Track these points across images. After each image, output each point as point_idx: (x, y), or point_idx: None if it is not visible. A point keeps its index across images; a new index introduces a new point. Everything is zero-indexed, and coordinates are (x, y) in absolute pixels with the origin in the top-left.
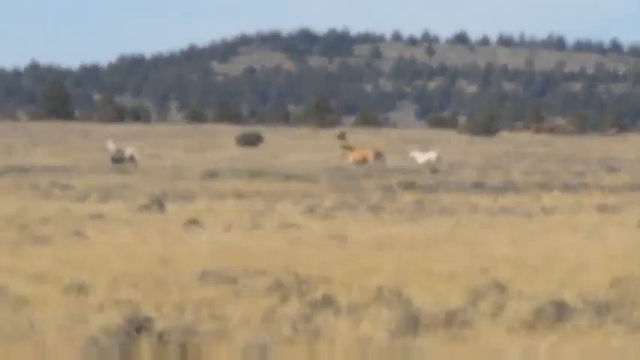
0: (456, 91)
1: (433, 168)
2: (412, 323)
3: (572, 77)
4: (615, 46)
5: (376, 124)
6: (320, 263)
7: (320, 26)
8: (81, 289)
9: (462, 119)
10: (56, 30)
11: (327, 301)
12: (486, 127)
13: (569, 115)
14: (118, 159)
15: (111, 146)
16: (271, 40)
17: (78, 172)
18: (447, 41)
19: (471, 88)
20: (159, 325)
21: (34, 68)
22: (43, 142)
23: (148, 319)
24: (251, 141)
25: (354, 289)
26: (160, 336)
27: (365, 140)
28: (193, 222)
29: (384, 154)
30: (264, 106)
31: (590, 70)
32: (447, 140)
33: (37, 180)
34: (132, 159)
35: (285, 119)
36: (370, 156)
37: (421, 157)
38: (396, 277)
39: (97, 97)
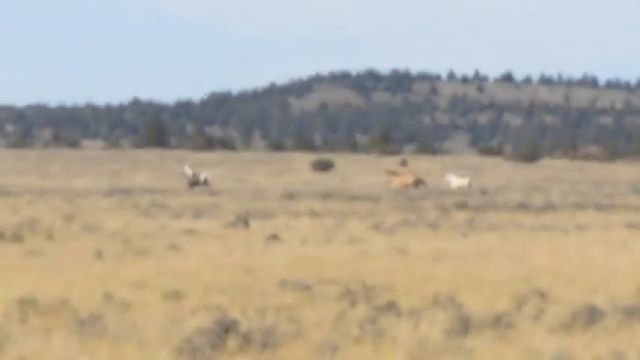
0: (503, 124)
1: (467, 191)
2: (464, 325)
3: (603, 112)
4: None
5: (433, 152)
6: (384, 273)
7: (384, 66)
8: (177, 296)
9: (507, 148)
10: (155, 70)
11: (391, 306)
12: (529, 155)
13: (601, 144)
14: (194, 182)
15: (188, 171)
16: (341, 79)
17: (173, 193)
18: (495, 80)
19: (516, 121)
20: (244, 326)
21: (136, 103)
22: (143, 168)
23: (235, 322)
24: (323, 166)
25: (413, 295)
26: (245, 336)
27: (423, 166)
28: (273, 237)
29: (423, 181)
30: (335, 136)
31: (619, 106)
32: (494, 166)
33: (138, 200)
34: (205, 182)
35: (354, 147)
36: (411, 182)
37: (455, 182)
38: (450, 285)
39: (189, 128)
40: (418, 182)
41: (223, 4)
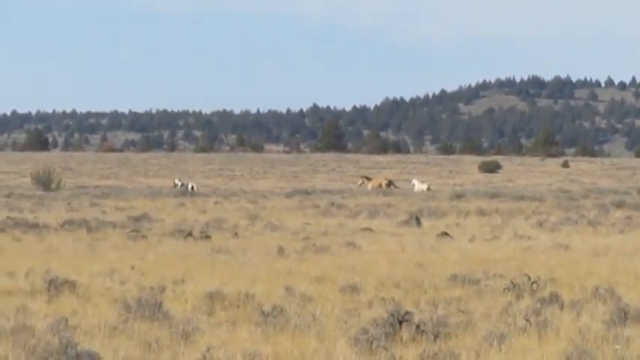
0: None
1: (427, 194)
2: (622, 316)
3: None
4: None
5: (593, 154)
6: (547, 267)
7: (547, 74)
8: (354, 289)
9: None
10: (333, 78)
11: (554, 298)
12: None
13: None
14: (183, 191)
15: (178, 182)
16: (507, 85)
17: (350, 194)
18: None
19: None
20: (417, 318)
21: (315, 110)
22: (322, 170)
23: (408, 313)
24: (491, 168)
25: (575, 288)
26: (418, 326)
27: (584, 167)
28: (444, 234)
29: (393, 182)
30: (501, 140)
31: None
32: None
33: (317, 200)
34: (193, 189)
35: (519, 150)
36: (383, 184)
37: (417, 186)
38: (609, 279)
39: (365, 132)
40: (390, 184)
41: (396, 15)
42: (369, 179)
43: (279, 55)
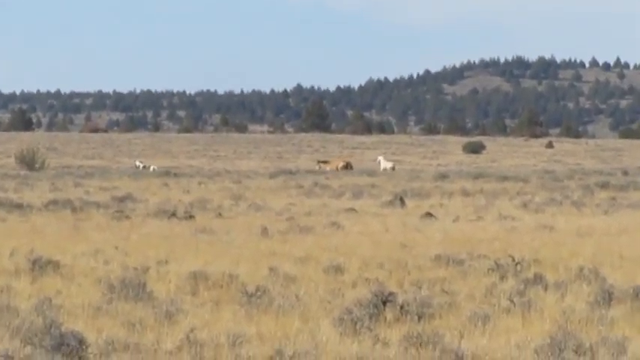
0: None
1: (391, 173)
2: (607, 297)
3: None
4: None
5: (577, 135)
6: (532, 248)
7: (531, 54)
8: (337, 270)
9: None
10: (317, 58)
11: (538, 279)
12: None
13: None
14: (144, 172)
15: (138, 164)
16: (491, 66)
17: (334, 174)
18: (636, 66)
19: None
20: (400, 298)
21: (299, 90)
22: (306, 150)
23: (392, 294)
24: (475, 149)
25: (559, 269)
26: (402, 307)
27: (568, 148)
28: (428, 215)
29: (350, 164)
30: (485, 120)
31: None
32: (636, 148)
33: (301, 181)
34: (154, 171)
35: (503, 131)
36: (340, 166)
37: (383, 164)
38: (593, 259)
39: (349, 113)
40: (346, 166)
41: None
42: (325, 162)
43: (263, 35)
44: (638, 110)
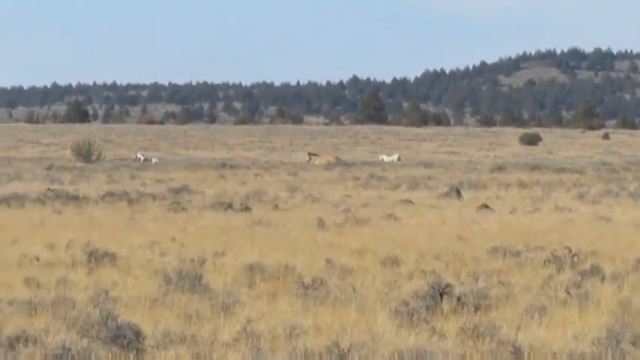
0: None
1: (397, 164)
2: None
3: None
4: None
5: (633, 126)
6: (588, 240)
7: (588, 45)
8: (394, 261)
9: None
10: (374, 50)
11: (595, 271)
12: None
13: None
14: (146, 165)
15: (139, 156)
16: (548, 57)
17: (391, 165)
18: None
19: None
20: (457, 290)
21: (355, 81)
22: (362, 142)
23: (449, 285)
24: (531, 140)
25: (616, 260)
26: (459, 299)
27: (625, 139)
28: (484, 206)
29: (339, 159)
30: (541, 112)
31: None
32: None
33: (358, 173)
34: (155, 164)
35: (559, 122)
36: (330, 160)
37: (386, 159)
38: None
39: (405, 105)
40: (336, 160)
41: None
42: (315, 155)
43: (319, 27)
44: None
